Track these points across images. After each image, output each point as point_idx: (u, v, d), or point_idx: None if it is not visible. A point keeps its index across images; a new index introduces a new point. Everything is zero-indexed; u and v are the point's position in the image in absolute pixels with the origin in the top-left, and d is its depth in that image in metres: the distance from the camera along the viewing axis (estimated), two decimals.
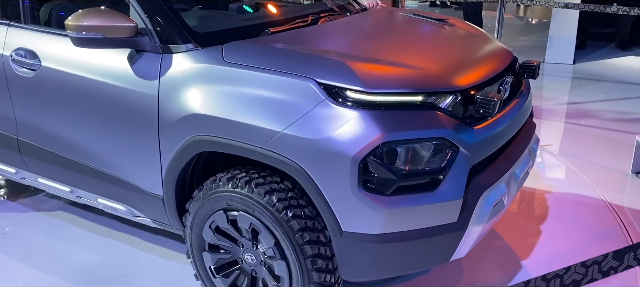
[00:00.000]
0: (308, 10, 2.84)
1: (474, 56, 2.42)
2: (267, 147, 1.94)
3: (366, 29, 2.84)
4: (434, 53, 2.39)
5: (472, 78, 2.12)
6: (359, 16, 2.98)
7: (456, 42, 2.63)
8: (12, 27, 2.75)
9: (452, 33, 2.78)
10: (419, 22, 2.93)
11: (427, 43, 2.60)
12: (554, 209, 3.40)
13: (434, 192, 1.91)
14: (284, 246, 2.04)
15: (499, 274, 2.75)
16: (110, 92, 2.32)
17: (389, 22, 3.01)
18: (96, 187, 2.63)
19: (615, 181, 3.77)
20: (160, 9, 2.26)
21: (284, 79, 1.96)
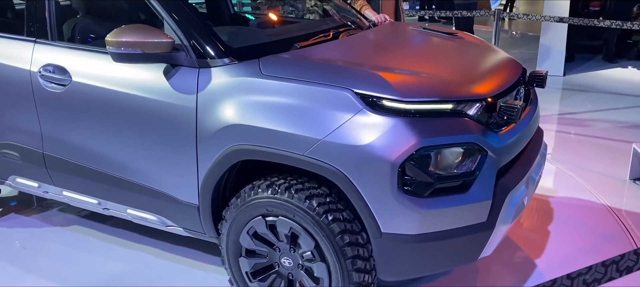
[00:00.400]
0: (327, 25, 2.97)
1: (491, 67, 2.58)
2: (309, 154, 2.06)
3: (387, 42, 2.99)
4: (456, 64, 2.56)
5: (494, 87, 2.28)
6: (375, 30, 3.13)
7: (472, 54, 2.79)
8: (38, 43, 2.83)
9: (465, 45, 2.94)
10: (433, 35, 3.09)
11: (446, 54, 2.76)
12: (558, 214, 3.56)
13: (466, 194, 2.05)
14: (324, 248, 2.15)
15: (515, 275, 2.88)
16: (146, 106, 2.41)
17: (406, 35, 3.17)
18: (126, 198, 2.70)
19: (613, 187, 3.94)
20: (196, 25, 2.38)
21: (322, 89, 2.09)
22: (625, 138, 4.94)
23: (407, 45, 2.96)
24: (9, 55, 2.89)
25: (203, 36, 2.35)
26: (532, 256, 3.04)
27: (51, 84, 2.73)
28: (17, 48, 2.88)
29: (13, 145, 3.02)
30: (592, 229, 3.36)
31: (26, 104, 2.85)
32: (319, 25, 2.97)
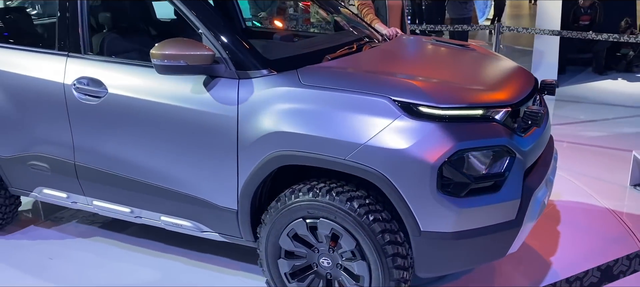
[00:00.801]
0: (349, 38, 3.13)
1: (510, 76, 2.77)
2: (350, 158, 2.20)
3: (410, 53, 3.17)
4: (478, 73, 2.75)
5: (516, 94, 2.46)
6: (395, 43, 3.31)
7: (489, 64, 2.98)
8: (71, 57, 2.93)
9: (481, 56, 3.14)
10: (449, 47, 3.29)
11: (466, 65, 2.95)
12: (564, 217, 3.74)
13: (497, 193, 2.22)
14: (364, 247, 2.29)
15: (528, 277, 3.03)
16: (186, 116, 2.53)
17: (425, 47, 3.36)
18: (161, 205, 2.81)
19: (615, 193, 4.13)
20: (234, 39, 2.52)
21: (361, 97, 2.24)
22: (622, 146, 5.16)
23: (428, 56, 3.13)
24: (40, 69, 2.99)
25: (242, 49, 2.49)
26: (544, 257, 3.20)
27: (86, 96, 2.83)
28: (49, 62, 2.98)
29: (42, 156, 3.10)
30: (598, 232, 3.54)
31: (58, 116, 2.95)
32: (342, 38, 3.11)
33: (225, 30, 2.55)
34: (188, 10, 2.59)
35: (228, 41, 2.50)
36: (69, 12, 2.94)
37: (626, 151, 4.85)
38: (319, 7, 4.17)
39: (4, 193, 3.46)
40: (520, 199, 2.27)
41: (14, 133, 3.16)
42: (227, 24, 2.64)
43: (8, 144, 3.21)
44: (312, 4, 4.10)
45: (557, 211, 3.82)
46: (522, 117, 2.37)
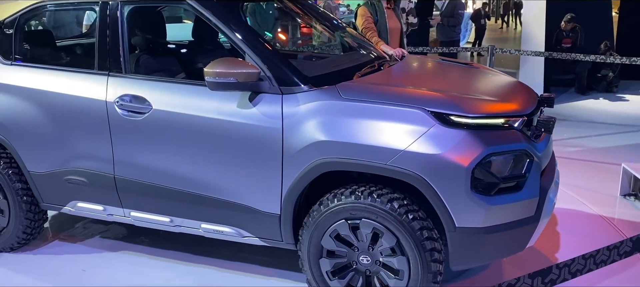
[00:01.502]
0: (368, 58, 3.46)
1: (518, 90, 3.13)
2: (391, 163, 2.51)
3: (426, 71, 3.52)
4: (492, 87, 3.10)
5: (528, 105, 2.81)
6: (410, 61, 3.67)
7: (497, 80, 3.33)
8: (112, 76, 3.16)
9: (487, 73, 3.51)
10: (457, 66, 3.67)
11: (479, 80, 3.29)
12: (561, 223, 4.05)
13: (520, 192, 2.55)
14: (404, 243, 2.58)
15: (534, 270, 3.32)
16: (232, 129, 2.80)
17: (437, 65, 3.72)
18: (202, 214, 3.04)
19: (607, 202, 4.49)
20: (277, 58, 2.83)
21: (399, 109, 2.56)
22: (609, 160, 5.54)
23: (443, 72, 3.49)
24: (80, 88, 3.21)
25: (285, 67, 2.79)
26: (546, 256, 3.52)
27: (129, 112, 3.06)
28: (89, 81, 3.20)
29: (80, 171, 3.30)
30: (592, 235, 3.88)
31: (99, 132, 3.16)
32: (362, 58, 3.42)
33: (268, 50, 2.86)
34: (233, 34, 2.89)
35: (271, 60, 2.79)
36: (109, 34, 3.18)
37: (614, 164, 5.25)
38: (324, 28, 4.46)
39: (34, 208, 3.64)
40: (538, 197, 2.62)
41: (50, 149, 3.35)
42: (268, 45, 2.94)
43: (43, 160, 3.40)
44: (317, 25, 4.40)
45: (554, 217, 4.15)
46: (535, 125, 2.73)
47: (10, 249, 3.75)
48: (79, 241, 3.91)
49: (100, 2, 3.24)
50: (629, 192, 4.55)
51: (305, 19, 4.33)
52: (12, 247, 3.74)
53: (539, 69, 8.15)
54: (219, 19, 2.93)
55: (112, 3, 3.20)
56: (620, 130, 6.88)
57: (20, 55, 3.54)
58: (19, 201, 3.57)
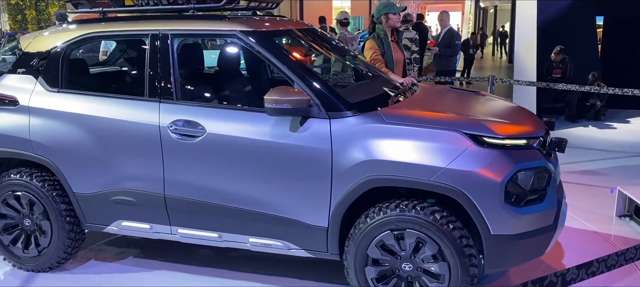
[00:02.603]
0: (392, 85, 3.83)
1: (528, 115, 3.58)
2: (434, 179, 2.90)
3: (447, 98, 3.92)
4: (506, 113, 3.51)
5: (541, 128, 3.26)
6: (430, 90, 4.11)
7: (507, 106, 3.78)
8: (163, 103, 3.45)
9: (496, 99, 3.99)
10: (468, 93, 4.12)
11: (492, 107, 3.71)
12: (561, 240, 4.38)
13: (542, 203, 2.99)
14: (445, 251, 2.95)
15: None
16: (284, 150, 3.14)
17: (454, 93, 4.16)
18: (251, 229, 3.35)
19: (604, 221, 4.88)
20: (323, 86, 3.20)
21: (438, 131, 2.97)
22: (602, 184, 5.93)
23: (461, 99, 3.91)
24: (131, 114, 3.46)
25: (331, 95, 3.17)
26: (551, 265, 3.86)
27: (183, 136, 3.35)
28: (140, 108, 3.47)
29: (129, 191, 3.55)
30: (591, 251, 4.24)
31: (150, 154, 3.43)
32: (385, 85, 3.78)
33: (315, 80, 3.24)
34: (283, 66, 3.27)
35: (318, 89, 3.18)
36: (160, 64, 3.48)
37: (607, 187, 5.61)
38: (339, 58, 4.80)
39: (76, 229, 3.85)
40: (556, 208, 3.06)
41: (98, 171, 3.59)
42: (315, 76, 3.32)
43: (90, 181, 3.64)
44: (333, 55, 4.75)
45: None
46: (548, 145, 3.15)
47: (49, 269, 3.95)
48: (114, 260, 4.14)
49: (151, 34, 3.54)
50: (624, 212, 4.93)
51: (322, 50, 4.65)
52: (50, 267, 3.94)
53: (532, 97, 8.60)
54: (270, 53, 3.32)
55: (162, 35, 3.50)
56: (609, 156, 7.32)
57: (66, 83, 3.76)
58: (62, 221, 3.78)
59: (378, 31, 5.21)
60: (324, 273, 3.80)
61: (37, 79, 3.79)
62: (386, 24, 5.20)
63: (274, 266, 3.92)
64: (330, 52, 4.74)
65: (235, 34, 3.39)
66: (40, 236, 3.86)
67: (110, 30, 3.78)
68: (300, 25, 4.17)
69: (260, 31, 3.44)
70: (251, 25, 3.45)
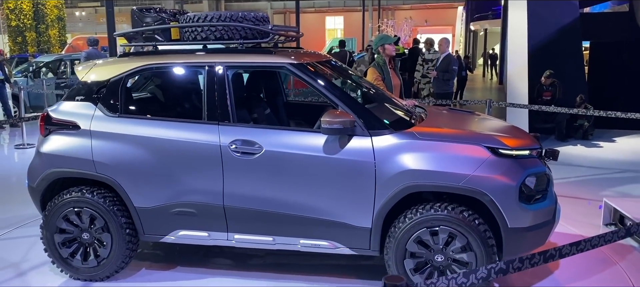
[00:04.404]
0: (407, 107, 4.46)
1: (523, 131, 4.27)
2: (463, 184, 3.56)
3: (458, 118, 4.58)
4: (506, 129, 4.18)
5: (536, 141, 3.95)
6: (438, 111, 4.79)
7: (503, 124, 4.49)
8: (222, 125, 3.95)
9: (491, 119, 4.71)
10: (468, 113, 4.82)
11: (493, 124, 4.38)
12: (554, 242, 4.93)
13: (545, 201, 3.72)
14: (472, 242, 3.60)
15: (536, 275, 4.31)
16: (334, 162, 3.72)
17: (458, 113, 4.87)
18: (302, 232, 3.88)
19: (592, 229, 5.45)
20: (364, 110, 3.84)
21: (464, 145, 3.66)
22: (589, 196, 6.55)
23: (468, 119, 4.56)
24: (193, 135, 3.94)
25: (372, 116, 3.81)
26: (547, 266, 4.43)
27: (242, 154, 3.84)
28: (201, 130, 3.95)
29: (189, 203, 3.98)
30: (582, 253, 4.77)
31: (212, 170, 3.89)
32: (401, 107, 4.39)
33: (357, 104, 3.89)
34: (329, 92, 3.88)
35: (360, 111, 3.80)
36: (217, 91, 3.98)
37: (594, 199, 6.23)
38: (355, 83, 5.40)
39: (134, 240, 4.21)
40: (554, 205, 3.77)
41: (160, 187, 4.01)
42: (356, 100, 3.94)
43: (152, 196, 4.05)
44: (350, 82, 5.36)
45: None
46: (544, 155, 3.87)
47: (102, 279, 4.25)
48: (165, 269, 4.50)
49: (207, 66, 4.05)
50: (610, 221, 5.53)
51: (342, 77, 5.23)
52: (107, 276, 4.26)
53: (524, 118, 9.26)
54: (315, 81, 3.94)
55: (218, 66, 4.04)
56: (596, 173, 7.96)
57: (126, 108, 4.19)
58: (122, 233, 4.14)
59: (377, 60, 5.86)
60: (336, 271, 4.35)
61: (97, 106, 4.19)
62: (384, 53, 5.86)
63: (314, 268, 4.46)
64: (348, 79, 5.34)
65: (284, 66, 4.00)
66: (99, 248, 4.21)
67: (168, 61, 4.28)
68: (322, 58, 4.73)
69: (305, 63, 4.06)
70: (296, 59, 4.06)
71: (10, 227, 5.62)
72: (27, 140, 10.09)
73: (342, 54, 15.03)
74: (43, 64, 15.06)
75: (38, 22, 27.68)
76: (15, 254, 4.91)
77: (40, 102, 13.49)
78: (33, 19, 27.57)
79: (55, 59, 15.35)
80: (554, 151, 3.99)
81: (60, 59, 15.19)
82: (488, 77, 29.72)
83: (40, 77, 14.59)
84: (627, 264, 4.61)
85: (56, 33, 28.67)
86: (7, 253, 4.94)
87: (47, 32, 27.95)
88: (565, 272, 4.40)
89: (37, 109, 13.51)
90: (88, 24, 41.86)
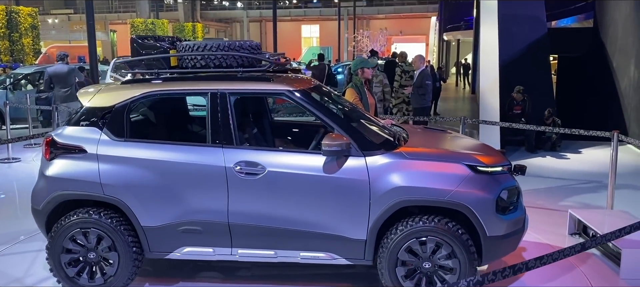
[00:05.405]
0: (390, 128, 4.84)
1: (494, 149, 4.75)
2: (448, 198, 4.00)
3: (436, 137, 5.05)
4: (480, 147, 4.66)
5: (506, 159, 4.43)
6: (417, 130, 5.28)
7: (475, 142, 4.98)
8: (226, 148, 4.22)
9: (465, 137, 5.26)
10: (443, 132, 5.33)
11: (468, 143, 4.87)
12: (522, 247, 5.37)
13: (516, 212, 4.21)
14: (457, 250, 4.04)
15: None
16: (331, 181, 4.10)
17: (436, 132, 5.35)
18: (302, 245, 4.22)
19: (558, 238, 5.95)
20: (359, 134, 4.23)
21: (447, 163, 4.11)
22: (556, 207, 7.06)
23: (443, 138, 5.04)
24: (198, 158, 4.20)
25: (363, 138, 4.20)
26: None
27: (246, 174, 4.14)
28: (205, 152, 4.22)
29: (195, 221, 4.22)
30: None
31: (217, 189, 4.16)
32: (386, 127, 4.81)
33: (352, 127, 4.28)
34: (325, 117, 4.27)
35: (354, 134, 4.20)
36: (220, 116, 4.26)
37: (561, 210, 6.72)
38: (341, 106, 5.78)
39: (140, 257, 4.41)
40: (524, 215, 4.28)
41: (166, 206, 4.22)
42: (350, 123, 4.34)
43: (159, 215, 4.25)
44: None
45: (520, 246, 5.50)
46: (513, 170, 4.37)
47: None
48: (166, 283, 4.69)
49: (210, 93, 4.31)
50: (575, 231, 6.01)
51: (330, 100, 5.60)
52: None
53: (496, 131, 9.77)
54: (313, 106, 4.33)
55: (221, 93, 4.32)
56: (563, 184, 8.50)
57: (131, 133, 4.38)
58: (129, 251, 4.33)
59: (355, 81, 6.26)
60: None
61: (102, 130, 4.36)
62: (361, 76, 6.29)
63: None
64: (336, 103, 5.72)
65: (283, 92, 4.37)
66: (105, 266, 4.38)
67: (172, 88, 4.54)
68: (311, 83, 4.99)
69: (303, 89, 4.44)
70: (294, 85, 4.42)
71: (7, 243, 5.74)
72: (12, 154, 10.22)
73: (321, 67, 15.47)
74: (22, 76, 15.09)
75: (11, 31, 27.41)
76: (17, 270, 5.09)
77: (21, 114, 13.33)
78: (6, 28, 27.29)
79: (35, 71, 15.32)
80: (522, 167, 4.51)
81: (41, 71, 15.10)
82: (461, 86, 30.49)
83: (20, 89, 14.62)
84: (587, 267, 5.10)
85: (30, 41, 28.46)
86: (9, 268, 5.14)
87: (20, 40, 27.68)
88: (530, 276, 4.80)
89: (17, 121, 13.55)
90: (61, 31, 41.44)
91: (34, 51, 28.16)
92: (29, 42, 27.62)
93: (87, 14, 13.58)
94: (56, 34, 40.68)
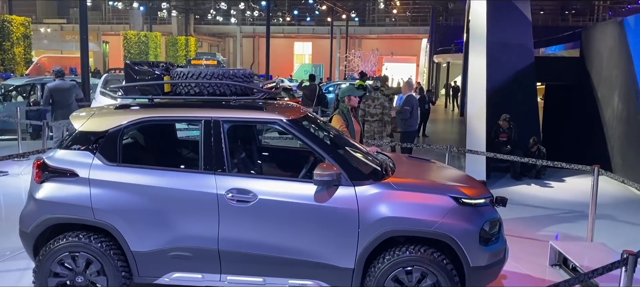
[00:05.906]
0: (377, 158, 4.96)
1: (476, 181, 4.88)
2: (434, 229, 4.12)
3: (421, 167, 5.21)
4: (464, 179, 4.81)
5: (488, 191, 4.57)
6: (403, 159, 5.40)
7: (459, 173, 5.14)
8: (218, 175, 4.29)
9: (448, 167, 5.40)
10: (427, 162, 5.46)
11: (451, 173, 5.06)
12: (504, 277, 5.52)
13: (498, 243, 4.33)
14: (441, 279, 4.16)
15: None
16: (321, 210, 4.20)
17: (422, 162, 5.46)
18: (290, 273, 4.30)
19: (538, 269, 6.09)
20: (349, 164, 4.35)
21: (433, 195, 4.23)
22: (538, 237, 7.19)
23: (428, 169, 5.19)
24: (190, 184, 4.25)
25: (353, 169, 4.32)
26: None
27: (238, 201, 4.20)
28: (198, 179, 4.29)
29: (185, 247, 4.26)
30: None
31: (208, 216, 4.21)
32: (375, 158, 4.92)
33: (342, 157, 4.38)
34: (316, 147, 4.38)
35: (344, 164, 4.31)
36: (213, 144, 4.32)
37: (543, 240, 6.87)
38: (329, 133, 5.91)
39: (128, 282, 4.41)
40: (505, 246, 4.41)
41: (159, 233, 4.26)
42: (340, 154, 4.44)
43: (149, 240, 4.28)
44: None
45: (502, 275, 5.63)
46: (495, 202, 4.52)
47: None
48: None
49: (204, 120, 4.38)
50: (555, 262, 6.16)
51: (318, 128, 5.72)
52: None
53: (482, 159, 9.93)
54: (306, 137, 4.44)
55: (214, 121, 4.39)
56: (546, 212, 8.67)
57: (124, 158, 4.40)
58: (118, 275, 4.33)
59: (342, 108, 6.45)
60: None
61: (95, 155, 4.38)
62: (348, 103, 6.47)
63: None
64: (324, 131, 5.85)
65: (276, 121, 4.49)
66: None
67: (166, 115, 4.63)
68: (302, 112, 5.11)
69: (295, 118, 4.56)
70: (286, 114, 4.54)
71: None
72: (0, 167, 10.23)
73: (312, 88, 15.64)
74: (13, 88, 15.09)
75: (3, 40, 27.36)
76: None
77: (10, 125, 13.33)
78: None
79: (26, 83, 15.30)
80: (503, 199, 4.67)
81: (32, 83, 15.10)
82: (450, 108, 30.81)
83: (10, 100, 14.61)
84: None
85: (21, 51, 28.41)
86: None
87: (12, 49, 27.61)
88: None
89: (5, 132, 13.54)
90: (53, 41, 41.37)
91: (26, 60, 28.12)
92: (20, 51, 27.58)
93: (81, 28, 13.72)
94: (48, 44, 40.58)
